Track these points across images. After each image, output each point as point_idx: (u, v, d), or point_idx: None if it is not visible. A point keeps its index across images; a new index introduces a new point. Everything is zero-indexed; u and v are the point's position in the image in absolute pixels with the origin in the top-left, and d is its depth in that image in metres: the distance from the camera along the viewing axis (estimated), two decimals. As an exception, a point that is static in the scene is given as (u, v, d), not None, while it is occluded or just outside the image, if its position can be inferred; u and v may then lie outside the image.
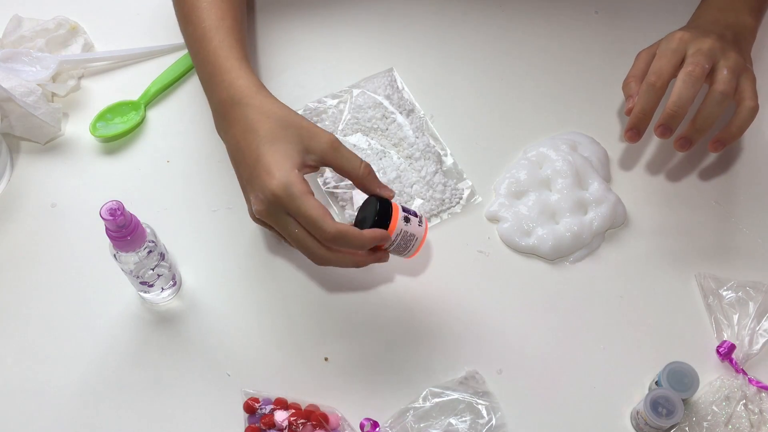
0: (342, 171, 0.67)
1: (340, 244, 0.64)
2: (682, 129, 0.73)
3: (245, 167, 0.67)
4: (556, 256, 0.78)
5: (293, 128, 0.67)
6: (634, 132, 0.73)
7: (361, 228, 0.66)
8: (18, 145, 0.85)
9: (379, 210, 0.66)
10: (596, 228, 0.78)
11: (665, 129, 0.71)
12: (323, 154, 0.66)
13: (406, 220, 0.67)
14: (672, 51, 0.73)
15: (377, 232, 0.65)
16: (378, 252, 0.68)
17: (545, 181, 0.81)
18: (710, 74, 0.72)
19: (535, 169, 0.82)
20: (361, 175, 0.67)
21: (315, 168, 0.68)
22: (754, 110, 0.72)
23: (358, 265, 0.68)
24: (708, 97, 0.72)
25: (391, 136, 0.84)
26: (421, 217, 0.69)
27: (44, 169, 0.84)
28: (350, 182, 0.71)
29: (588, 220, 0.79)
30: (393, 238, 0.67)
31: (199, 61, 0.74)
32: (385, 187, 0.68)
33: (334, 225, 0.63)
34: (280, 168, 0.64)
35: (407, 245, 0.68)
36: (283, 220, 0.65)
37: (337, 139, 0.67)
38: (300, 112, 0.85)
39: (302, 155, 0.66)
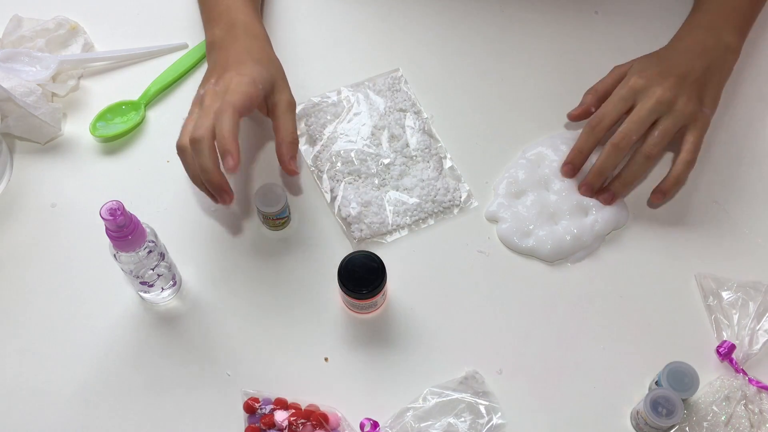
0: (277, 127, 0.73)
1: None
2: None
3: (223, 67, 0.74)
4: (556, 258, 0.78)
5: (276, 68, 0.75)
6: (570, 167, 0.80)
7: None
8: (18, 145, 0.85)
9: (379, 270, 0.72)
10: (598, 230, 0.78)
11: (588, 188, 0.79)
12: (277, 103, 0.73)
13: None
14: (621, 99, 0.77)
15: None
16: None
17: (544, 182, 0.81)
18: (650, 128, 0.76)
19: (534, 169, 0.82)
20: (288, 141, 0.72)
21: (260, 102, 0.73)
22: (690, 164, 0.76)
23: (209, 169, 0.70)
24: (633, 158, 0.77)
25: (391, 137, 0.84)
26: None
27: (44, 169, 0.84)
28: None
29: (589, 223, 0.79)
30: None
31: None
32: (295, 162, 0.73)
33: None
34: (248, 81, 0.71)
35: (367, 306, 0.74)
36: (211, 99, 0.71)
37: (295, 103, 0.75)
38: (302, 107, 0.85)
39: (264, 89, 0.72)
